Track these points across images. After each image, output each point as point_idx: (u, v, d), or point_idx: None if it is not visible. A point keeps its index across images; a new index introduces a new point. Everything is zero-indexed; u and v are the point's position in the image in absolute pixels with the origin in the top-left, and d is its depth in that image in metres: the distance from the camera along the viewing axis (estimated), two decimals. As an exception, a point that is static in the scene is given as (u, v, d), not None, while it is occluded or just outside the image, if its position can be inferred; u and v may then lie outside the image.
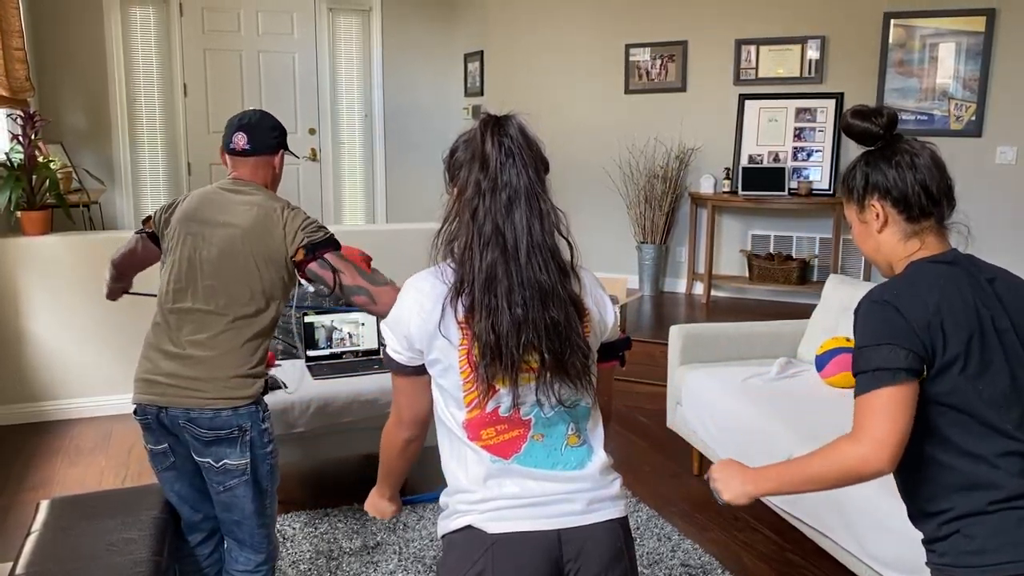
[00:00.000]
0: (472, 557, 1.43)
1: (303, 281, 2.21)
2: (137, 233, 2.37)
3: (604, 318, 1.54)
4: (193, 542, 2.31)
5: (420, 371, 1.51)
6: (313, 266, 2.12)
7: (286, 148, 2.29)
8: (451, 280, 1.43)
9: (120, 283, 2.54)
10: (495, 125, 1.43)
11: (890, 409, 1.37)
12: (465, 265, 1.41)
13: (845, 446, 1.40)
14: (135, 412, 2.17)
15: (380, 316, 2.16)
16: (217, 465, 2.10)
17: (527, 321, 1.39)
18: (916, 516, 1.52)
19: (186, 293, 2.11)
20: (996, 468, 1.40)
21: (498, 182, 1.41)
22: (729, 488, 1.53)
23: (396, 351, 1.50)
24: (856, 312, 1.47)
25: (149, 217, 2.32)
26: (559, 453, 1.47)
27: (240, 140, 2.19)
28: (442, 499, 1.53)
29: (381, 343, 3.63)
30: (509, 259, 1.40)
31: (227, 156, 2.24)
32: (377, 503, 1.78)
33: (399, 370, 1.52)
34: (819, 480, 1.44)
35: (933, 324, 1.40)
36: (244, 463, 2.10)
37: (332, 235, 2.17)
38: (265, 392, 2.17)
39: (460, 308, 1.41)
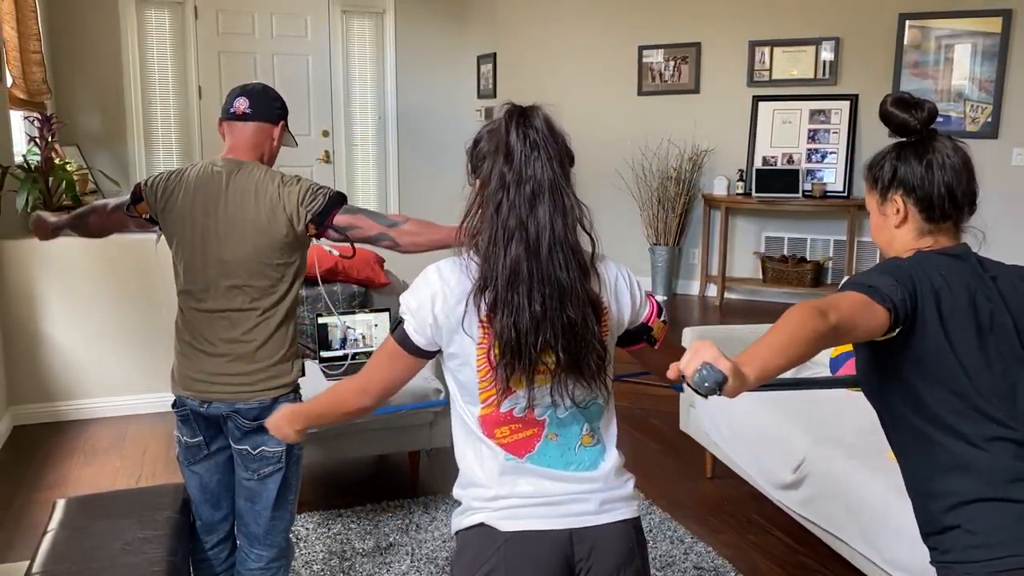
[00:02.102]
0: (485, 555, 1.44)
1: (330, 248, 2.22)
2: (128, 215, 2.24)
3: (622, 315, 1.52)
4: (209, 544, 2.31)
5: (428, 355, 1.49)
6: (329, 235, 2.11)
7: (287, 123, 2.23)
8: (476, 275, 1.42)
9: (71, 235, 2.51)
10: (520, 116, 1.41)
11: (858, 305, 1.36)
12: (489, 261, 1.39)
13: (797, 306, 1.32)
14: (173, 404, 2.19)
15: (405, 252, 2.13)
16: (255, 452, 2.12)
17: (545, 319, 1.38)
18: (915, 495, 1.53)
19: (208, 294, 2.11)
20: (985, 451, 1.41)
21: (523, 175, 1.39)
22: (737, 373, 1.20)
23: (417, 333, 1.47)
24: None
25: (138, 196, 2.19)
26: (572, 453, 1.47)
27: (241, 104, 2.14)
28: (456, 492, 1.53)
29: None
30: (531, 255, 1.38)
31: (225, 124, 2.17)
32: (286, 429, 1.74)
33: (411, 349, 1.48)
34: (789, 341, 1.26)
35: (929, 296, 1.41)
36: (280, 450, 2.13)
37: (332, 193, 2.10)
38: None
39: (483, 306, 1.40)
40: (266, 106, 2.17)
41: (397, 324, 1.50)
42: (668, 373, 1.24)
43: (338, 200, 2.10)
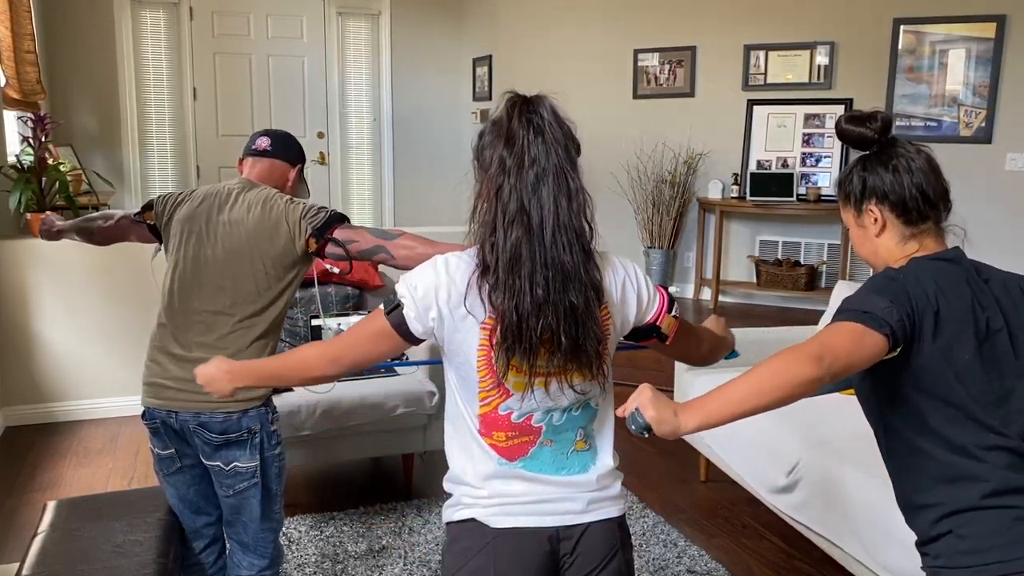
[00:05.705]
0: (474, 548, 1.46)
1: (329, 265, 2.19)
2: (134, 220, 2.30)
3: (627, 318, 1.50)
4: (197, 549, 2.30)
5: (417, 342, 1.46)
6: (329, 249, 2.11)
7: (303, 170, 2.34)
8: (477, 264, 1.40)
9: (74, 240, 2.52)
10: (523, 103, 1.40)
11: (853, 340, 1.35)
12: (486, 245, 1.37)
13: (788, 350, 1.33)
14: (143, 416, 2.17)
15: (399, 267, 2.12)
16: (227, 468, 2.10)
17: (548, 303, 1.35)
18: (906, 508, 1.53)
19: (192, 294, 2.10)
20: (981, 461, 1.41)
21: (524, 159, 1.36)
22: (664, 422, 1.30)
23: (416, 320, 1.42)
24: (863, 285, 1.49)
25: (149, 206, 2.25)
26: (565, 458, 1.48)
27: (263, 142, 2.27)
28: (447, 486, 1.54)
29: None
30: (534, 238, 1.36)
31: (246, 160, 2.27)
32: (222, 383, 1.59)
33: (404, 334, 1.44)
34: (756, 390, 1.30)
35: (927, 311, 1.41)
36: (254, 465, 2.11)
37: (334, 211, 2.14)
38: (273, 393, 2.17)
39: (486, 308, 1.38)
40: (286, 148, 2.30)
41: (394, 307, 1.44)
42: (616, 412, 1.40)
43: (339, 217, 2.14)
